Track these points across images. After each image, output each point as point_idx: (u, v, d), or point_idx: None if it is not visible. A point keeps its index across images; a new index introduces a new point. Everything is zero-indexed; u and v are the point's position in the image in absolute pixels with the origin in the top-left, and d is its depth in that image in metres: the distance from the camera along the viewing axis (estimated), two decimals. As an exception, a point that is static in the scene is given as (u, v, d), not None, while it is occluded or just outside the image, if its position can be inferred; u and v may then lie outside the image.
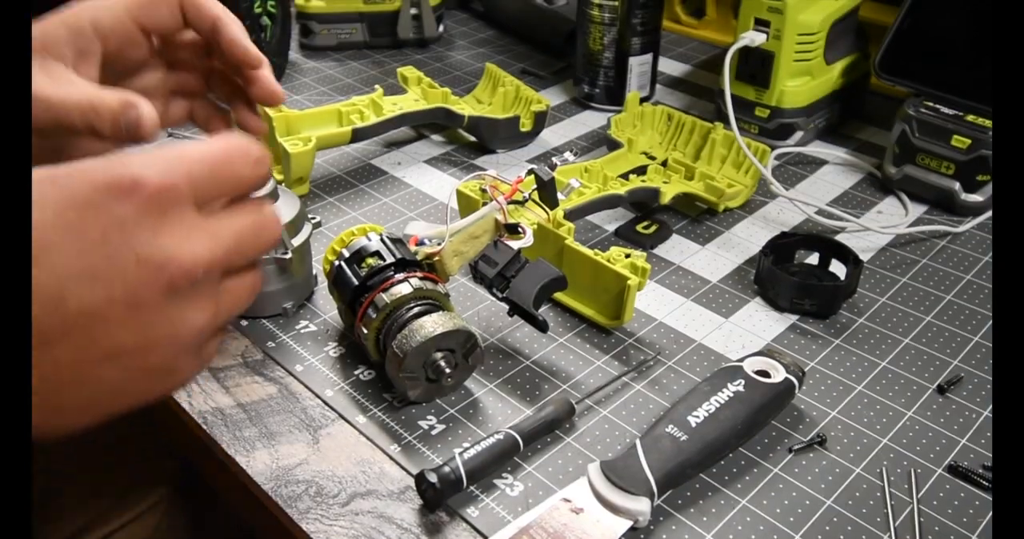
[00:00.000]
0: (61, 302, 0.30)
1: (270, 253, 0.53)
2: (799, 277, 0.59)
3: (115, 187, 0.30)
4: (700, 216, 0.68)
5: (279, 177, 0.68)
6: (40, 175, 0.30)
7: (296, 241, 0.54)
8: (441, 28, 0.98)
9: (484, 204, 0.52)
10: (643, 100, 0.80)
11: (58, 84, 0.42)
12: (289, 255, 0.53)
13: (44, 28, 0.44)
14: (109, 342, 0.31)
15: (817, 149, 0.77)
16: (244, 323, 0.56)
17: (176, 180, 0.31)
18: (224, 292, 0.34)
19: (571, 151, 0.56)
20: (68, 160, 0.31)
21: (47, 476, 0.65)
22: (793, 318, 0.57)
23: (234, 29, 0.45)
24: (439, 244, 0.50)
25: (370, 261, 0.50)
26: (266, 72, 0.47)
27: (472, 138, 0.78)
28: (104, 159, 0.31)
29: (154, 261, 0.31)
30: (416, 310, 0.48)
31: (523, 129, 0.76)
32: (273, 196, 0.52)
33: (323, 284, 0.59)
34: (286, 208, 0.54)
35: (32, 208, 0.30)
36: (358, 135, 0.70)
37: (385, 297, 0.48)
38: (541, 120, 0.77)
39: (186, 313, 0.32)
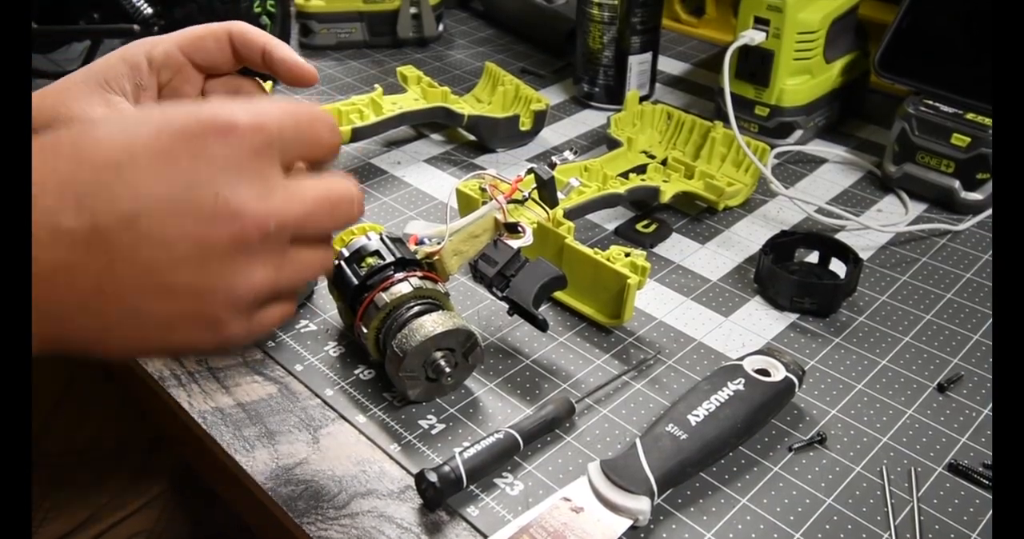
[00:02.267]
0: (134, 220, 0.31)
1: None
2: (799, 276, 0.59)
3: (212, 125, 0.31)
4: (700, 215, 0.68)
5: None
6: (150, 104, 0.34)
7: (296, 240, 0.54)
8: (441, 27, 0.98)
9: (484, 203, 0.51)
10: (643, 99, 0.80)
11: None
12: (289, 255, 0.53)
13: (106, 62, 0.45)
14: (168, 277, 0.32)
15: (817, 147, 0.77)
16: (244, 323, 0.56)
17: (268, 126, 0.32)
18: (291, 259, 0.35)
19: (571, 150, 0.56)
20: None
21: (47, 472, 0.65)
22: (793, 317, 0.57)
23: (284, 50, 0.44)
24: (439, 243, 0.50)
25: (370, 260, 0.50)
26: (298, 59, 0.46)
27: (472, 137, 0.78)
28: (205, 102, 0.33)
29: (231, 207, 0.31)
30: (416, 309, 0.48)
31: (523, 128, 0.76)
32: None
33: (323, 284, 0.59)
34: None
35: (136, 124, 0.32)
36: (358, 134, 0.70)
37: (385, 296, 0.48)
38: (541, 119, 0.77)
39: (248, 268, 0.33)
